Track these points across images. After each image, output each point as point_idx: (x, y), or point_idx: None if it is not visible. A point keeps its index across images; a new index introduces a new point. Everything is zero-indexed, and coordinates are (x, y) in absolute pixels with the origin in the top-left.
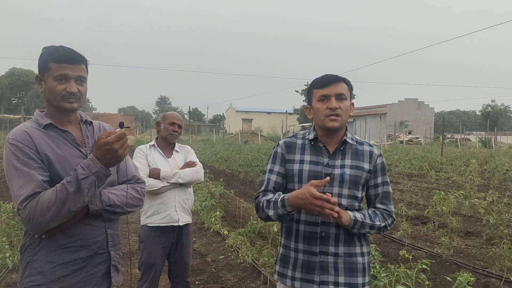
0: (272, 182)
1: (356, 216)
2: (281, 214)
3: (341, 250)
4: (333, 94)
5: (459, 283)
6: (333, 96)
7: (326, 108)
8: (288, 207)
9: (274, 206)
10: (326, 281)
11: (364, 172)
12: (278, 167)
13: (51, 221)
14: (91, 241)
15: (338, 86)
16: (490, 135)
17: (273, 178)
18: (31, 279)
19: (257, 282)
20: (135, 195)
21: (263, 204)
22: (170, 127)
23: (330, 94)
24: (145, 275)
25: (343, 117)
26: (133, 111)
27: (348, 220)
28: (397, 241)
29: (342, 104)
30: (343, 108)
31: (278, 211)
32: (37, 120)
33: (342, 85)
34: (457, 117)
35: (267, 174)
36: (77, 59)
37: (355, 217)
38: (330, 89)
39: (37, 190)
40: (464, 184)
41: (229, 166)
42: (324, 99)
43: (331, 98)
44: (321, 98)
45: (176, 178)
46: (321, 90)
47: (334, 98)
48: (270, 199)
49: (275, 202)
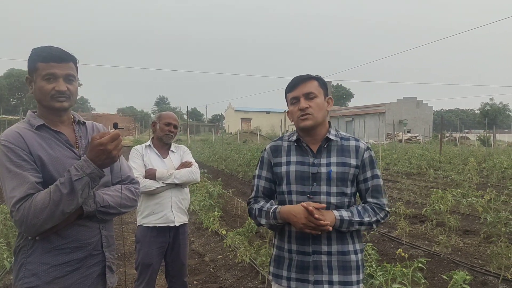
0: (261, 187)
1: (343, 215)
2: (273, 224)
3: (334, 249)
4: (301, 95)
5: (455, 281)
6: (302, 97)
7: (297, 109)
8: (279, 219)
9: (266, 216)
10: (321, 280)
11: (352, 168)
12: (265, 172)
13: (45, 223)
14: (86, 242)
15: (306, 86)
16: (488, 134)
17: (261, 184)
18: (25, 281)
19: (255, 282)
20: (129, 195)
21: (255, 212)
22: (166, 128)
23: (298, 95)
24: (142, 275)
25: (315, 114)
26: (132, 111)
27: (333, 220)
28: (395, 240)
29: (312, 103)
30: (313, 106)
31: (270, 221)
32: (29, 121)
33: (310, 83)
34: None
35: (256, 180)
36: (64, 58)
37: (341, 216)
38: (298, 90)
39: (30, 192)
40: (462, 182)
41: (228, 165)
42: (295, 101)
43: (300, 99)
44: (293, 101)
45: (172, 179)
46: (291, 93)
47: (303, 99)
48: (262, 207)
49: (267, 213)
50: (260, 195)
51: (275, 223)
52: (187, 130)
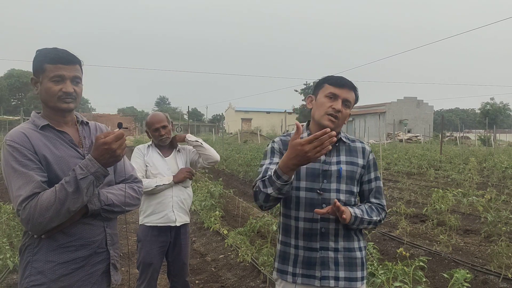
0: (270, 170)
1: (356, 213)
2: (280, 186)
3: (341, 245)
4: (342, 97)
5: (456, 279)
6: (341, 99)
7: (330, 106)
8: (283, 175)
9: (270, 182)
10: (327, 276)
11: (359, 168)
12: (276, 160)
13: (51, 221)
14: (90, 240)
15: (349, 93)
16: (489, 133)
17: (272, 167)
18: (31, 278)
19: (257, 281)
20: (133, 194)
21: (259, 186)
22: (156, 133)
23: (339, 96)
24: (143, 274)
25: (340, 122)
26: (132, 112)
27: (349, 216)
28: (396, 239)
29: (345, 111)
30: (344, 114)
31: (276, 184)
32: (34, 122)
33: (352, 93)
34: (456, 115)
35: (266, 165)
36: (72, 60)
37: (355, 214)
38: (342, 92)
39: (36, 191)
40: (463, 182)
41: (229, 166)
42: (332, 97)
43: (338, 99)
44: (330, 95)
45: (200, 142)
46: (333, 88)
47: (341, 101)
48: (263, 179)
49: (270, 178)
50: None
51: (281, 182)
52: (188, 130)
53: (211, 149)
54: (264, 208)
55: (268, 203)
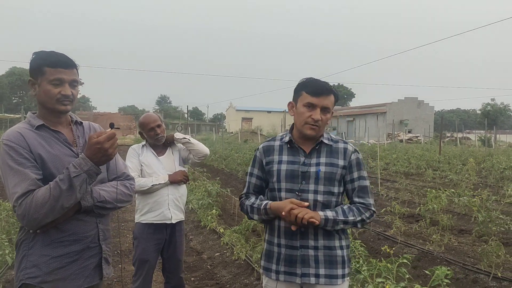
0: (252, 185)
1: (327, 215)
2: (265, 219)
3: (321, 244)
4: (320, 106)
5: (437, 276)
6: (319, 108)
7: (310, 116)
8: (270, 214)
9: (258, 213)
10: (308, 273)
11: (339, 169)
12: (256, 171)
13: (45, 217)
14: (83, 236)
15: (327, 99)
16: (490, 134)
17: (252, 181)
18: (27, 271)
19: (251, 278)
20: (125, 191)
21: (247, 208)
22: (151, 133)
23: (317, 105)
24: (139, 271)
25: (322, 128)
26: (133, 111)
27: (318, 219)
28: (391, 239)
29: (325, 117)
30: (324, 120)
31: (262, 217)
32: (29, 122)
33: (330, 97)
34: (457, 115)
35: (248, 177)
36: (70, 64)
37: (325, 216)
38: (319, 100)
39: (31, 188)
40: (460, 182)
41: (228, 165)
42: (310, 107)
43: (316, 109)
44: (308, 105)
45: (187, 139)
46: (310, 98)
47: (319, 110)
48: (253, 204)
49: (259, 209)
50: (251, 192)
51: (267, 217)
52: (188, 129)
53: (199, 144)
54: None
55: (251, 220)
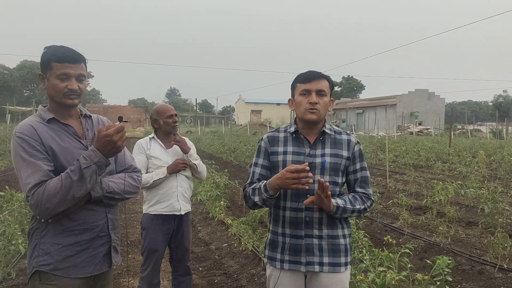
0: (256, 174)
1: (338, 203)
2: (265, 198)
3: (325, 233)
4: (314, 90)
5: (438, 265)
6: (314, 92)
7: (307, 102)
8: (270, 190)
9: (258, 192)
10: (312, 262)
11: (343, 159)
12: (262, 160)
13: (57, 207)
14: (93, 225)
15: (320, 83)
16: (501, 126)
17: (257, 171)
18: (39, 259)
19: (258, 268)
20: (132, 183)
21: (249, 192)
22: (170, 120)
23: (311, 89)
24: (147, 260)
25: (321, 112)
26: (143, 103)
27: (331, 207)
28: (397, 230)
29: (322, 100)
30: (322, 103)
31: (262, 196)
32: (40, 115)
33: (323, 82)
34: (469, 107)
35: (252, 167)
36: (77, 59)
37: (337, 204)
38: (312, 85)
39: (43, 179)
40: (469, 174)
41: (237, 157)
42: (306, 93)
43: (311, 93)
44: (303, 93)
45: (195, 161)
46: (304, 85)
47: (314, 94)
48: (254, 187)
49: (259, 189)
50: (255, 181)
51: (267, 196)
52: (197, 121)
53: (203, 172)
54: (251, 208)
55: (254, 208)
